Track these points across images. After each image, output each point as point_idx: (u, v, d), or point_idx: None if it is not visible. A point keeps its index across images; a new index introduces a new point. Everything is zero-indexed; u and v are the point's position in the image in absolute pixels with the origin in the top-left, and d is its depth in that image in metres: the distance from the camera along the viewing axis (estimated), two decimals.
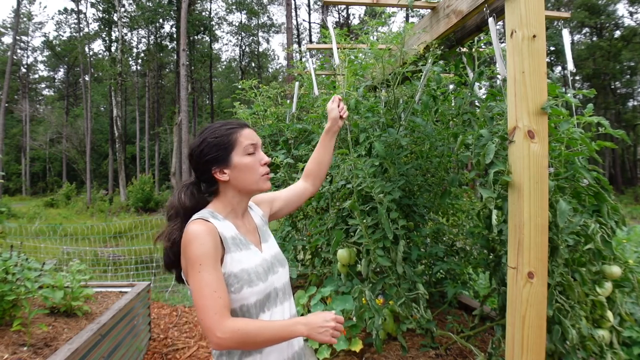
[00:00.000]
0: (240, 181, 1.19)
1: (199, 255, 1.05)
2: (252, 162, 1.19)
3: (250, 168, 1.18)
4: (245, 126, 1.23)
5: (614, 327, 1.84)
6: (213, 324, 1.01)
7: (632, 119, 28.96)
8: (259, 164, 1.20)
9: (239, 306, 1.12)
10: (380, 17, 2.71)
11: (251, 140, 1.20)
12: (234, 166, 1.17)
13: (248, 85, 3.68)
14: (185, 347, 3.59)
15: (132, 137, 38.62)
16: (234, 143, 1.18)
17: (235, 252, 1.14)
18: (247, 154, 1.19)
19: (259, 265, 1.17)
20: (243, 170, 1.18)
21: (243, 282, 1.11)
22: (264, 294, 1.16)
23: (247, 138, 1.19)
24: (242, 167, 1.17)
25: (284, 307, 1.23)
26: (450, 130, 2.49)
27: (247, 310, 1.13)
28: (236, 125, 1.21)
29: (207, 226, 1.10)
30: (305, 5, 37.86)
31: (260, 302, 1.15)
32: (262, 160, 1.20)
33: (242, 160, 1.18)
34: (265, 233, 1.32)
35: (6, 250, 2.62)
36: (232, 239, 1.15)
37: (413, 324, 2.27)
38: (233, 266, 1.12)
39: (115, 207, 23.82)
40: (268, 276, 1.18)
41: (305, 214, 3.37)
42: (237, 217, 1.23)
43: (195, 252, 1.06)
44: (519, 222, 1.53)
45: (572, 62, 1.97)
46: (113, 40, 31.13)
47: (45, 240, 8.20)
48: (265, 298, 1.17)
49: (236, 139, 1.18)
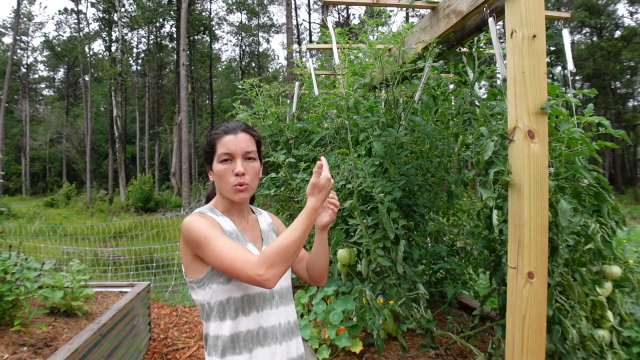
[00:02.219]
0: (218, 186, 1.23)
1: (200, 231, 1.09)
2: (223, 171, 1.18)
3: (221, 176, 1.19)
4: (231, 132, 1.20)
5: (614, 327, 1.84)
6: (251, 270, 1.00)
7: (632, 119, 28.96)
8: (231, 173, 1.18)
9: (226, 298, 1.13)
10: (379, 16, 2.71)
11: (226, 149, 1.18)
12: (214, 170, 1.22)
13: (249, 84, 3.68)
14: (185, 347, 3.59)
15: (132, 137, 38.63)
16: (215, 149, 1.21)
17: None
18: (221, 161, 1.19)
19: None
20: (217, 177, 1.21)
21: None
22: (254, 291, 1.16)
23: (223, 146, 1.19)
24: (217, 173, 1.20)
25: (279, 312, 1.21)
26: (450, 129, 2.49)
27: (233, 303, 1.13)
28: (221, 131, 1.21)
29: (203, 215, 1.18)
30: (305, 5, 37.88)
31: (248, 299, 1.15)
32: (235, 169, 1.18)
33: (217, 166, 1.20)
34: (270, 238, 1.32)
35: (5, 250, 2.62)
36: (228, 232, 1.18)
37: (413, 324, 2.27)
38: None
39: (115, 207, 23.81)
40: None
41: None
42: (234, 215, 1.26)
43: (196, 232, 1.10)
44: (519, 222, 1.53)
45: (572, 62, 1.97)
46: (113, 40, 31.13)
47: (45, 240, 8.20)
48: (257, 296, 1.16)
49: (216, 145, 1.21)
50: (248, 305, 1.15)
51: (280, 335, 1.19)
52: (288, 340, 1.22)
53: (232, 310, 1.14)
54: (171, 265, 6.93)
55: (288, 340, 1.22)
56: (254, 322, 1.16)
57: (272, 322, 1.19)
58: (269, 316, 1.19)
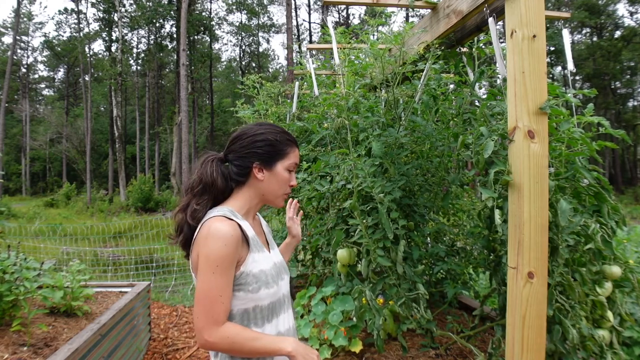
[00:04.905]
0: (268, 187, 1.21)
1: (219, 257, 1.04)
2: (286, 178, 1.23)
3: (282, 182, 1.23)
4: (297, 146, 1.29)
5: (614, 327, 1.84)
6: (206, 326, 1.02)
7: (632, 119, 28.96)
8: (289, 183, 1.25)
9: (252, 307, 1.11)
10: (380, 16, 2.71)
11: (296, 160, 1.26)
12: (273, 172, 1.21)
13: (251, 82, 3.69)
14: (185, 347, 3.59)
15: (132, 137, 38.63)
16: (285, 154, 1.23)
17: (256, 253, 1.14)
18: (288, 170, 1.24)
19: (271, 268, 1.18)
20: (277, 180, 1.21)
21: (261, 283, 1.11)
22: (277, 297, 1.17)
23: (295, 157, 1.26)
24: (278, 177, 1.21)
25: (288, 315, 1.24)
26: (450, 130, 2.48)
27: (259, 311, 1.12)
28: (293, 141, 1.27)
29: (233, 227, 1.08)
30: (305, 5, 37.89)
31: (272, 306, 1.15)
32: (291, 182, 1.26)
33: (282, 171, 1.22)
34: (271, 240, 1.35)
35: (4, 250, 2.62)
36: (252, 239, 1.15)
37: (413, 324, 2.26)
38: (253, 266, 1.12)
39: (115, 207, 23.81)
40: (278, 280, 1.19)
41: (305, 214, 3.37)
42: (249, 218, 1.24)
43: (216, 252, 1.04)
44: (519, 222, 1.53)
45: (572, 62, 1.97)
46: (113, 40, 31.13)
47: (45, 240, 8.20)
48: (277, 302, 1.17)
49: (289, 152, 1.23)
50: (272, 312, 1.16)
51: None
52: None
53: (259, 319, 1.12)
54: (171, 265, 6.93)
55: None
56: (275, 328, 1.16)
57: (286, 326, 1.20)
58: (284, 320, 1.20)
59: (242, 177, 1.20)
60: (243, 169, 1.19)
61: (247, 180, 1.21)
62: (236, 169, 1.19)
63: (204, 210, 1.15)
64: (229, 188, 1.21)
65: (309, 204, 2.93)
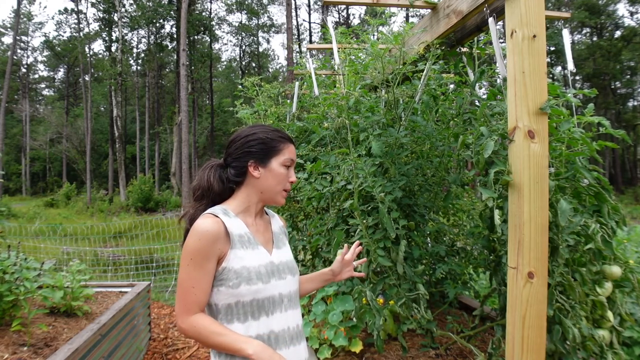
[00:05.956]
0: (266, 184, 1.24)
1: (193, 250, 1.11)
2: (283, 174, 1.26)
3: (279, 177, 1.25)
4: (292, 143, 1.31)
5: (614, 327, 1.84)
6: (179, 313, 1.12)
7: (632, 119, 28.96)
8: (287, 179, 1.27)
9: (235, 302, 1.14)
10: (380, 16, 2.71)
11: (292, 156, 1.28)
12: (269, 169, 1.24)
13: (250, 83, 3.68)
14: (185, 347, 3.59)
15: (132, 137, 38.63)
16: (279, 150, 1.25)
17: (239, 249, 1.16)
18: (283, 165, 1.26)
19: (262, 266, 1.18)
20: (273, 176, 1.24)
21: (241, 279, 1.13)
22: (264, 295, 1.16)
23: (290, 153, 1.28)
24: (274, 173, 1.24)
25: (288, 315, 1.23)
26: (450, 130, 2.48)
27: (242, 307, 1.14)
28: (287, 137, 1.29)
29: (212, 223, 1.13)
30: (305, 5, 37.91)
31: (258, 303, 1.15)
32: (290, 178, 1.28)
33: (277, 167, 1.25)
34: (281, 241, 1.34)
35: (4, 250, 2.62)
36: (239, 236, 1.18)
37: (413, 324, 2.27)
38: (235, 262, 1.14)
39: (115, 207, 23.81)
40: (271, 279, 1.19)
41: (305, 214, 3.37)
42: (249, 216, 1.26)
43: (191, 245, 1.12)
44: (519, 222, 1.53)
45: (572, 62, 1.97)
46: (113, 40, 31.15)
47: (45, 240, 8.20)
48: (267, 300, 1.17)
49: (282, 149, 1.26)
50: (257, 309, 1.16)
51: (289, 339, 1.20)
52: (297, 344, 1.23)
53: (241, 314, 1.15)
54: (171, 265, 6.93)
55: (297, 344, 1.23)
56: (265, 326, 1.16)
57: (282, 326, 1.20)
58: (279, 320, 1.20)
59: (240, 177, 1.25)
60: (240, 169, 1.25)
61: (245, 179, 1.26)
62: (234, 170, 1.25)
63: (201, 213, 1.21)
64: (228, 190, 1.27)
65: (309, 203, 2.93)
